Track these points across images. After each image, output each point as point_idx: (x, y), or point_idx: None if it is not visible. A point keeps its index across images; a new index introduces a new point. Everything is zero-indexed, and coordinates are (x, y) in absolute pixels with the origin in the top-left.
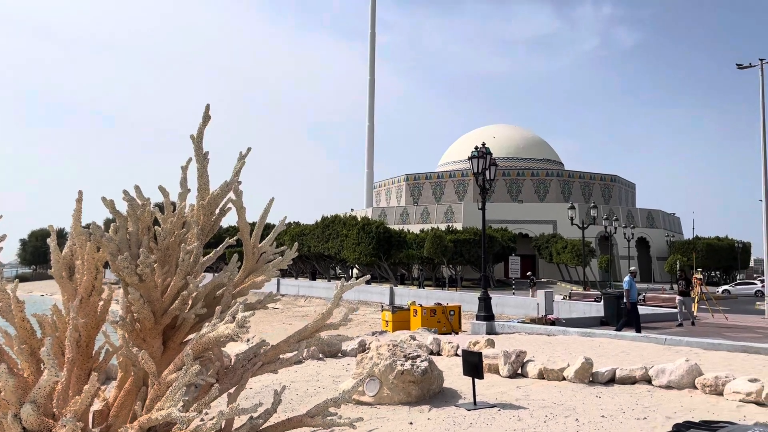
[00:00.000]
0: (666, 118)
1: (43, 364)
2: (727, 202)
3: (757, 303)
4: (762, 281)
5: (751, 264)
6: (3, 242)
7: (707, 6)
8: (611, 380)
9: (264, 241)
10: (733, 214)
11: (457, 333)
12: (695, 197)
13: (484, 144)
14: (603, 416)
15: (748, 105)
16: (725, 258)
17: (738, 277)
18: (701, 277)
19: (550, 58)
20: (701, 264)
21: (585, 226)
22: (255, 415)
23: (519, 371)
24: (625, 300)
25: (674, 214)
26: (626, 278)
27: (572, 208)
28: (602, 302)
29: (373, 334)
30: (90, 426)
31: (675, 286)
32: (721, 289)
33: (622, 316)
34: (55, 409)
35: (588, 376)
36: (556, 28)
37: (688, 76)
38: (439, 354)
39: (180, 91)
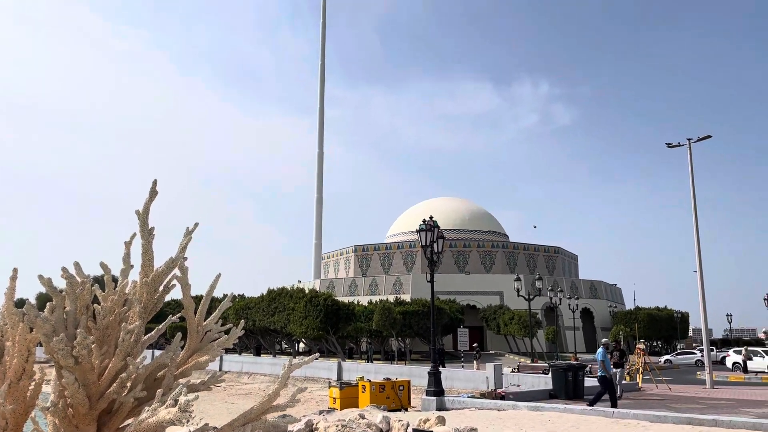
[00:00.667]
0: (604, 191)
1: None
2: (665, 273)
3: (698, 373)
4: (701, 351)
5: (690, 333)
6: None
7: (640, 86)
8: None
9: (209, 319)
10: (670, 284)
11: (406, 409)
12: (635, 268)
13: (431, 217)
14: None
15: (680, 180)
16: (665, 328)
17: (678, 347)
18: (644, 347)
19: (493, 133)
20: (643, 334)
21: (531, 297)
22: None
23: None
24: (601, 372)
25: (616, 284)
26: (599, 350)
27: (518, 279)
28: (550, 374)
29: (321, 413)
30: None
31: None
32: (663, 359)
33: (569, 388)
34: None
35: None
36: (498, 105)
37: (623, 151)
38: None
39: (125, 165)
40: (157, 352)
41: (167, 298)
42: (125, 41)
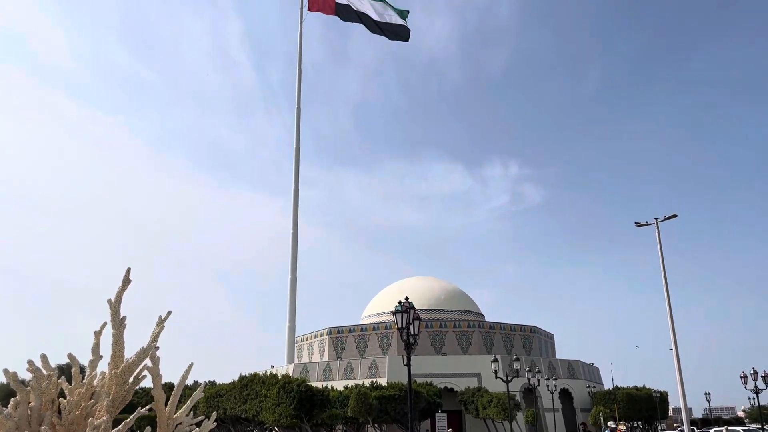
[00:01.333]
0: (576, 270)
1: None
2: (642, 352)
3: None
4: (682, 431)
5: (670, 413)
6: None
7: (606, 167)
8: None
9: (180, 411)
10: (648, 363)
11: None
12: (612, 347)
13: (407, 298)
14: None
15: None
16: (645, 408)
17: (659, 427)
18: (624, 429)
19: (465, 213)
20: (623, 415)
21: (509, 379)
22: None
23: None
24: None
25: (593, 364)
26: None
27: (495, 361)
28: None
29: None
30: None
31: None
32: None
33: None
34: None
35: None
36: (469, 186)
37: (593, 230)
38: None
39: (96, 250)
40: None
41: (131, 396)
42: (99, 126)
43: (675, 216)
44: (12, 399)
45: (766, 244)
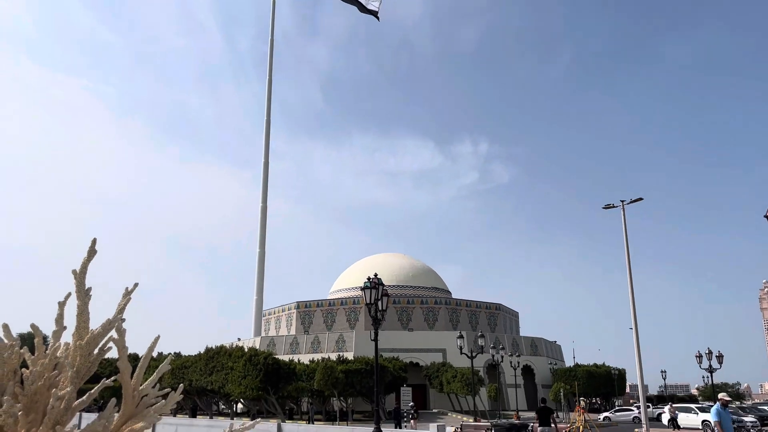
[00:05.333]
0: (542, 249)
1: None
2: (603, 331)
3: (636, 430)
4: (638, 407)
5: (627, 390)
6: None
7: (574, 148)
8: None
9: (146, 383)
10: (608, 341)
11: None
12: (574, 326)
13: (376, 275)
14: None
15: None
16: (604, 385)
17: (616, 404)
18: (584, 405)
19: (435, 190)
20: (582, 391)
21: (473, 355)
22: None
23: None
24: None
25: (555, 341)
26: (714, 407)
27: (461, 337)
28: None
29: None
30: None
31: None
32: (602, 416)
33: None
34: None
35: None
36: (439, 162)
37: (560, 210)
38: None
39: (61, 219)
40: (87, 415)
41: (96, 367)
42: (63, 89)
43: (641, 199)
44: None
45: (727, 230)
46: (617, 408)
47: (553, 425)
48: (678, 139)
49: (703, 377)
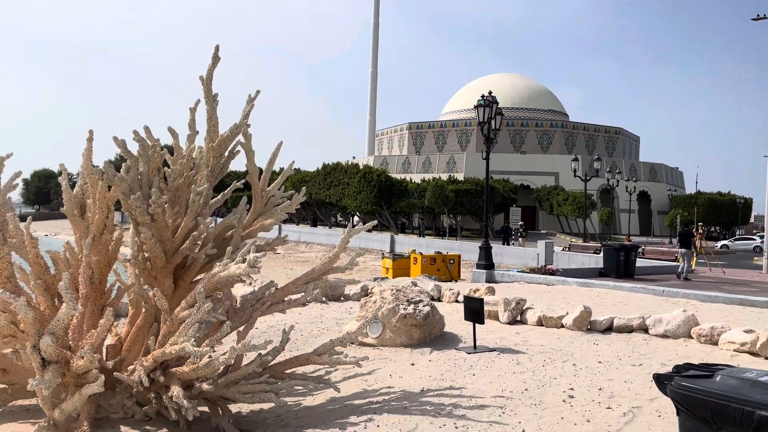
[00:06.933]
0: (673, 70)
1: (58, 299)
2: (732, 158)
3: (755, 258)
4: (761, 237)
5: (752, 220)
6: (18, 179)
7: None
8: (609, 329)
9: (272, 185)
10: (737, 169)
11: (456, 281)
12: (700, 152)
13: (490, 92)
14: (600, 362)
15: (759, 60)
16: (726, 213)
17: (738, 233)
18: (702, 231)
19: (559, 3)
20: (702, 219)
21: (588, 178)
22: (264, 352)
23: (518, 318)
24: None
25: (677, 168)
26: None
27: (576, 159)
28: (602, 254)
29: (375, 280)
30: (104, 359)
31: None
32: (719, 244)
33: (620, 267)
34: (71, 342)
35: (586, 324)
36: None
37: (700, 27)
38: (439, 300)
39: (185, 35)
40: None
41: (228, 169)
42: None
43: None
44: (123, 164)
45: None
46: (737, 237)
47: (693, 249)
48: None
49: None
